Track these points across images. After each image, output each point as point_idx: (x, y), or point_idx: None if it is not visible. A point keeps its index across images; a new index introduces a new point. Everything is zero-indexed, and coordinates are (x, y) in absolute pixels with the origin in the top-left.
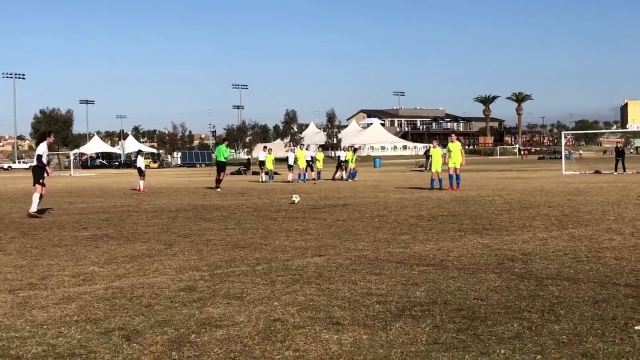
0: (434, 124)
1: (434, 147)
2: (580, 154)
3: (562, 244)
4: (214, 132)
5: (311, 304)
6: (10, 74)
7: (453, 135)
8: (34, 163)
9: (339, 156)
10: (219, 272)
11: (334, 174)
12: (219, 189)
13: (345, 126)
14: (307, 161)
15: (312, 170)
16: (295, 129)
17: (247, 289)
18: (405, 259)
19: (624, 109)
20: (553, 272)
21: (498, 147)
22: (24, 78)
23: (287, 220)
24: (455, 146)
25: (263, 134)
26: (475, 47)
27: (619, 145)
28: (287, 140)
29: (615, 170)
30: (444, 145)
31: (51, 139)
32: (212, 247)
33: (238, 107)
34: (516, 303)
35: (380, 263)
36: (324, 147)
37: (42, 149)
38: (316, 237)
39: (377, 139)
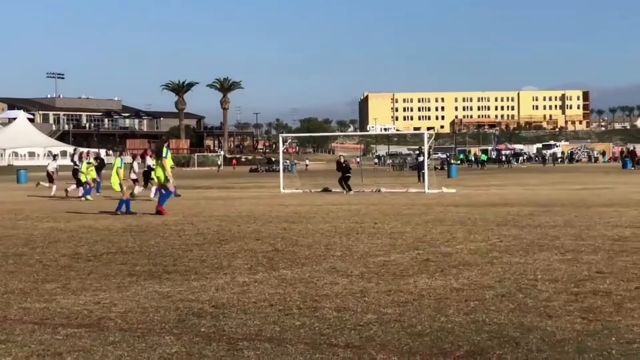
0: (107, 120)
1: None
2: (307, 165)
3: (269, 290)
4: None
5: None
6: None
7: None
8: None
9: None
10: None
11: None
12: None
13: None
14: None
15: None
16: None
17: None
18: (47, 319)
19: (363, 103)
20: (253, 331)
21: (196, 154)
22: None
23: None
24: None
25: None
26: (165, 18)
27: (341, 159)
28: None
29: (346, 190)
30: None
31: None
32: None
33: None
34: None
35: (9, 325)
36: None
37: None
38: None
39: (24, 141)
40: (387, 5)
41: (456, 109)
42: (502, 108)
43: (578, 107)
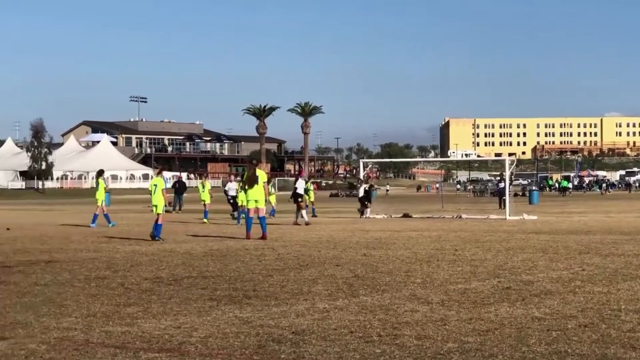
0: (188, 144)
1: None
2: (388, 190)
3: (349, 317)
4: None
5: None
6: None
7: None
8: None
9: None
10: None
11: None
12: None
13: (60, 144)
14: None
15: None
16: None
17: None
18: (128, 342)
19: (444, 129)
20: (333, 358)
21: (277, 178)
22: None
23: None
24: (262, 175)
25: None
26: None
27: (367, 183)
28: None
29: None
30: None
31: None
32: None
33: None
34: None
35: (91, 349)
36: (25, 174)
37: None
38: (0, 310)
39: (107, 164)
40: (468, 32)
41: (538, 134)
42: (585, 134)
43: None
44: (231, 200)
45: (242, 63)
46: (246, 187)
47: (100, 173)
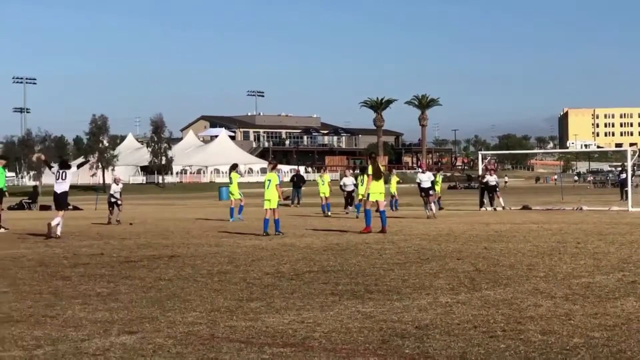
0: (305, 137)
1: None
2: (506, 182)
3: (472, 312)
4: None
5: None
6: None
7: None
8: None
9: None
10: None
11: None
12: (3, 229)
13: (179, 139)
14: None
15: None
16: (106, 143)
17: None
18: (253, 337)
19: (563, 120)
20: (457, 354)
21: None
22: None
23: (86, 279)
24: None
25: (58, 150)
26: (361, 35)
27: (487, 174)
28: (94, 158)
29: (483, 207)
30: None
31: None
32: None
33: (21, 110)
34: None
35: (217, 343)
36: (146, 169)
37: None
38: (127, 305)
39: (225, 158)
40: (586, 21)
41: None
42: None
43: None
44: (346, 195)
45: (358, 56)
46: (370, 180)
47: (233, 167)
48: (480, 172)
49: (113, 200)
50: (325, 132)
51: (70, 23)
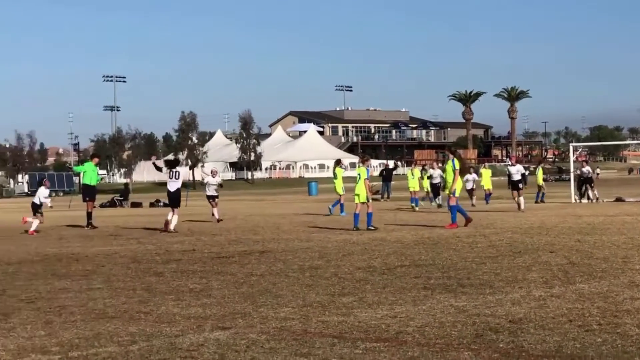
0: (394, 131)
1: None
2: (598, 174)
3: (567, 305)
4: (77, 144)
5: None
6: None
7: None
8: None
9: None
10: (76, 354)
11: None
12: (91, 227)
13: (268, 135)
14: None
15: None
16: (195, 140)
17: None
18: (345, 332)
19: None
20: (552, 348)
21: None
22: None
23: (178, 275)
24: (449, 166)
25: (148, 147)
26: (448, 27)
27: (584, 166)
28: (183, 155)
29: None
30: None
31: None
32: (68, 318)
33: (112, 108)
34: None
35: (310, 338)
36: (235, 165)
37: None
38: (219, 300)
39: (314, 153)
40: None
41: None
42: None
43: None
44: (432, 187)
45: (446, 49)
46: (458, 176)
47: (337, 162)
48: (571, 165)
49: (209, 194)
50: (414, 125)
51: (157, 23)
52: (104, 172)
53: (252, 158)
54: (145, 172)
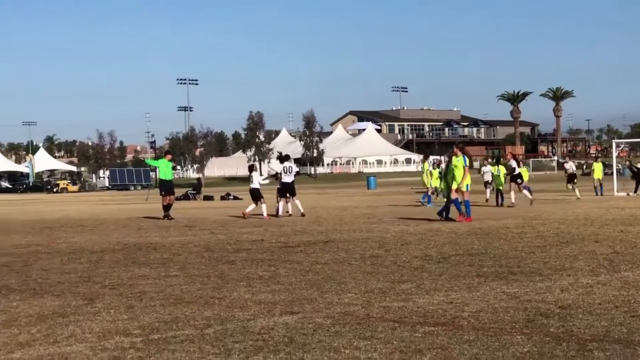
0: (447, 129)
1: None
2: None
3: (613, 292)
4: (153, 142)
5: None
6: None
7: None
8: None
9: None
10: (156, 337)
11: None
12: (167, 219)
13: (329, 133)
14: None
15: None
16: (262, 138)
17: None
18: (405, 317)
19: None
20: (600, 332)
21: (531, 159)
22: None
23: (249, 263)
24: (460, 162)
25: (219, 145)
26: (498, 30)
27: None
28: (250, 152)
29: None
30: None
31: None
32: (148, 303)
33: (185, 108)
34: None
35: (372, 323)
36: (299, 161)
37: None
38: (287, 287)
39: (372, 150)
40: None
41: None
42: None
43: None
44: (485, 183)
45: (495, 51)
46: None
47: (425, 157)
48: (614, 160)
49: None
50: (465, 124)
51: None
52: (178, 167)
53: (315, 154)
54: (216, 167)
